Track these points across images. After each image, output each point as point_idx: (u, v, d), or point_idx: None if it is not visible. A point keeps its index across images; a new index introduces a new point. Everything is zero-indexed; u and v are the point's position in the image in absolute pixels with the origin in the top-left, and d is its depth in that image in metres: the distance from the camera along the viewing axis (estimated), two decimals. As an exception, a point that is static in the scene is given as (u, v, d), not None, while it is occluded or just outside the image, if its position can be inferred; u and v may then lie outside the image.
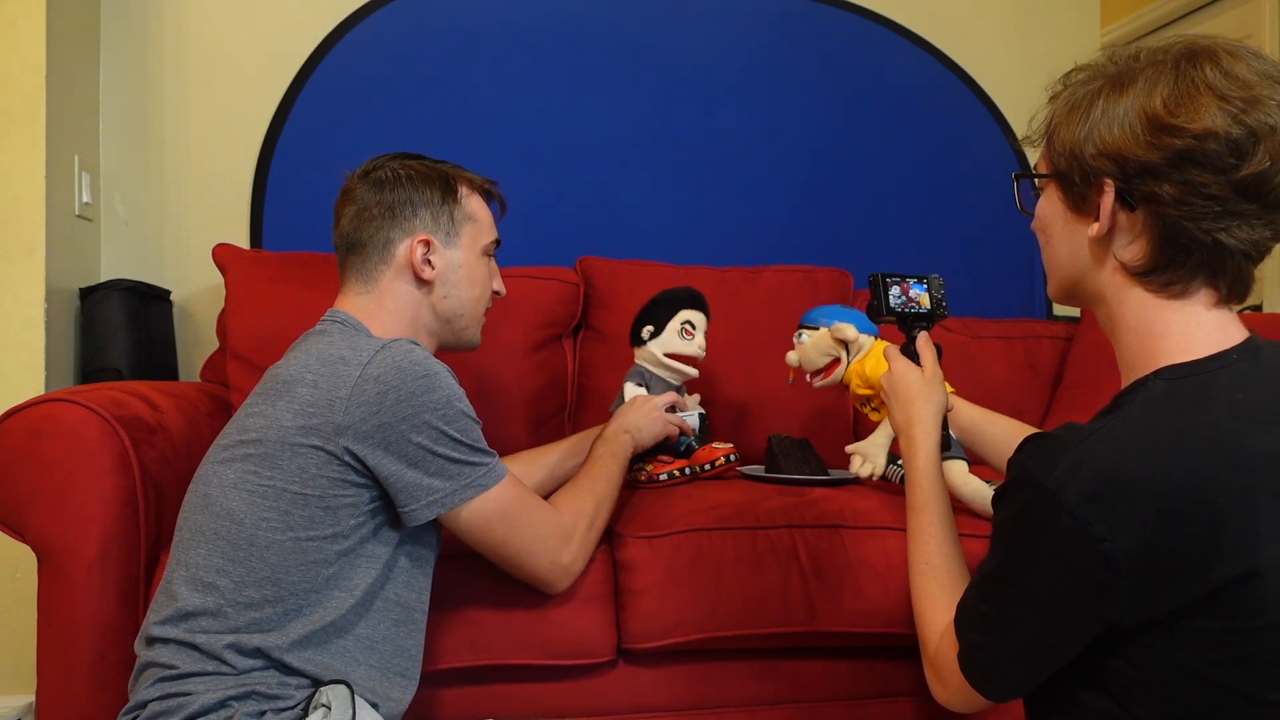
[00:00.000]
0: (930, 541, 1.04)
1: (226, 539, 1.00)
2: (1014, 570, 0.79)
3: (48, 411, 1.22)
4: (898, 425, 1.17)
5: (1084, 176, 0.83)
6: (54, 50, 1.75)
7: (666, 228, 2.22)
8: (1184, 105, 0.76)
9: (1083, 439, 0.75)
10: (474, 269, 1.22)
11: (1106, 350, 0.89)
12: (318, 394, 1.01)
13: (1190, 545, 0.72)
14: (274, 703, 0.96)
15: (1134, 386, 0.81)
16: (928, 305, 1.27)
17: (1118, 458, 0.73)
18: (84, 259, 1.91)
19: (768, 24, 2.30)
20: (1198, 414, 0.75)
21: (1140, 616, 0.74)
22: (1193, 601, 0.73)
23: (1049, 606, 0.77)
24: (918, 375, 1.16)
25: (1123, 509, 0.71)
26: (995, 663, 0.84)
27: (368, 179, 1.19)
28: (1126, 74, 0.80)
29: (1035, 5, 2.48)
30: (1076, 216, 0.86)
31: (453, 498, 1.04)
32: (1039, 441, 0.79)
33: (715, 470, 1.52)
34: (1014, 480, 0.79)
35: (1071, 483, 0.73)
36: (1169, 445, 0.74)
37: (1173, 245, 0.79)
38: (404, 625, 1.07)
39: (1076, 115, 0.83)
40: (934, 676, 0.94)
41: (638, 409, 1.42)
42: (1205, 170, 0.76)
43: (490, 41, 2.15)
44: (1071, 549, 0.73)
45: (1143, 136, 0.77)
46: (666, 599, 1.26)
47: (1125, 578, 0.72)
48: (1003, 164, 2.39)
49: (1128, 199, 0.80)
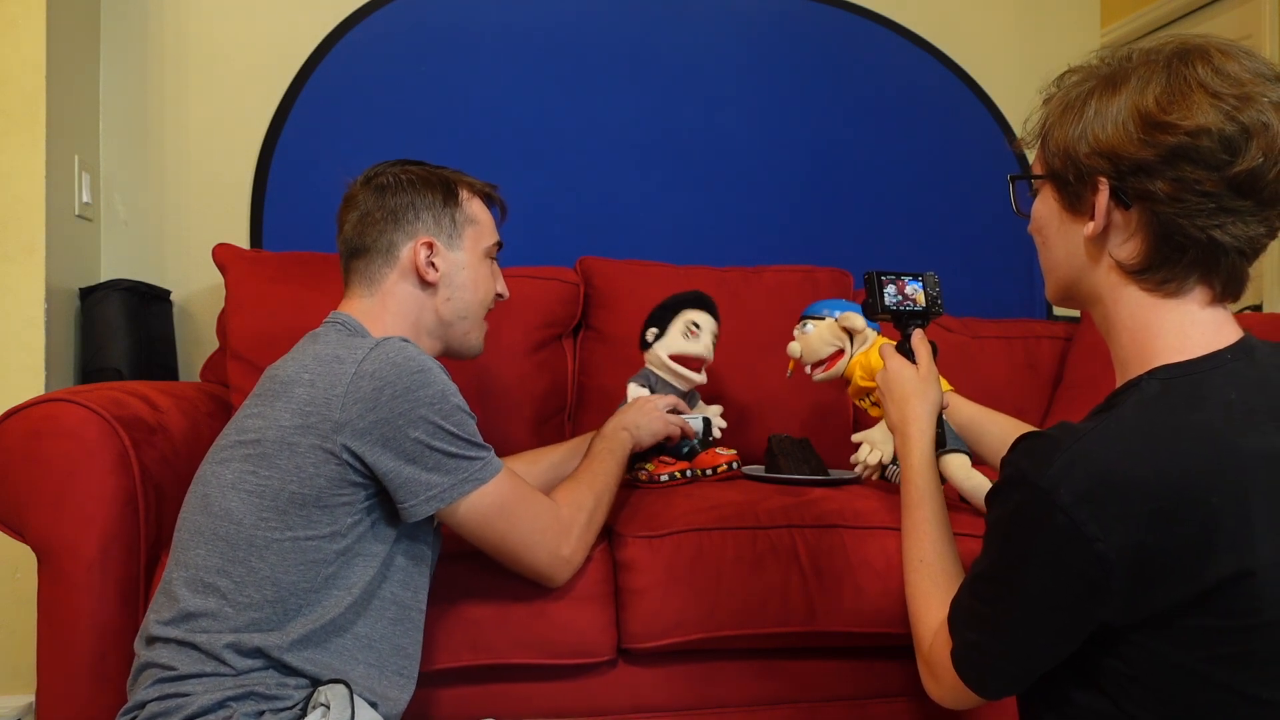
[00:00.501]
0: (924, 539, 1.04)
1: (226, 539, 1.00)
2: (1007, 569, 0.79)
3: (48, 411, 1.22)
4: (893, 423, 1.17)
5: (1078, 175, 0.83)
6: (54, 50, 1.75)
7: (666, 228, 2.22)
8: (1177, 102, 0.76)
9: (1076, 438, 0.75)
10: (477, 271, 1.23)
11: (1106, 350, 0.89)
12: (314, 393, 1.02)
13: (1184, 545, 0.72)
14: (272, 703, 0.96)
15: (1128, 386, 0.81)
16: (923, 303, 1.27)
17: (1111, 457, 0.73)
18: (84, 259, 1.91)
19: (768, 24, 2.30)
20: (1191, 413, 0.75)
21: (1134, 616, 0.74)
22: (1187, 601, 0.73)
23: (1042, 605, 0.77)
24: (912, 373, 1.17)
25: (1116, 508, 0.71)
26: (989, 661, 0.84)
27: (369, 185, 1.21)
28: (1119, 74, 0.81)
29: (1035, 5, 2.49)
30: (1072, 217, 0.86)
31: (450, 492, 1.04)
32: (1032, 440, 0.79)
33: (717, 477, 1.53)
34: (1007, 479, 0.79)
35: (1065, 482, 0.73)
36: (1162, 445, 0.74)
37: (1167, 243, 0.79)
38: (401, 624, 1.08)
39: (1070, 115, 0.83)
40: (928, 674, 0.94)
41: (638, 408, 1.42)
42: (1199, 167, 0.76)
43: (490, 41, 2.15)
44: (1065, 548, 0.73)
45: (1136, 134, 0.78)
46: (666, 599, 1.26)
47: (1119, 577, 0.72)
48: (1002, 164, 2.39)
49: (1122, 197, 0.80)
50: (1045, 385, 2.02)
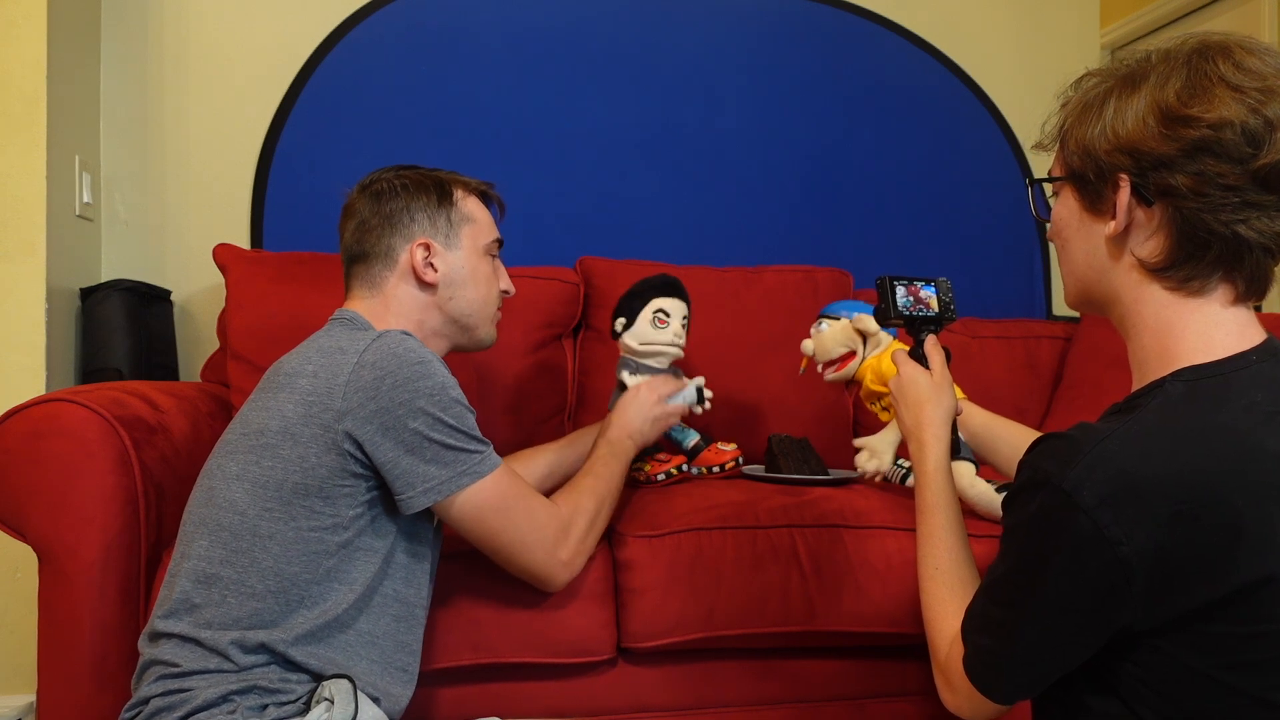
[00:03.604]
0: (940, 546, 1.01)
1: (229, 530, 1.01)
2: (1026, 572, 0.78)
3: (48, 411, 1.22)
4: (906, 429, 1.14)
5: (1098, 174, 0.82)
6: (54, 51, 1.76)
7: (666, 228, 2.22)
8: (1198, 96, 0.75)
9: (1099, 440, 0.73)
10: (477, 269, 1.23)
11: (1106, 350, 0.89)
12: (317, 383, 1.03)
13: (1206, 548, 0.71)
14: (275, 696, 0.96)
15: (1150, 388, 0.79)
16: (936, 308, 1.26)
17: (1134, 459, 0.72)
18: (84, 259, 1.91)
19: (768, 24, 2.30)
20: (1216, 415, 0.74)
21: (1154, 620, 0.73)
22: (1208, 605, 0.72)
23: (1061, 609, 0.76)
24: (926, 379, 1.15)
25: (1139, 511, 0.70)
26: (1002, 666, 0.82)
27: (365, 192, 1.22)
28: (1138, 72, 0.80)
29: (1035, 5, 2.48)
30: (1093, 216, 0.85)
31: (448, 485, 1.04)
32: (1052, 442, 0.77)
33: (722, 474, 1.52)
34: (1028, 481, 0.78)
35: (1088, 484, 0.71)
36: (1185, 446, 0.73)
37: (1191, 239, 0.78)
38: (404, 621, 1.08)
39: (1089, 114, 0.82)
40: (944, 683, 0.92)
41: (638, 409, 1.39)
42: (1222, 160, 0.75)
43: (490, 41, 2.15)
44: (1086, 551, 0.72)
45: (1156, 129, 0.77)
46: (666, 598, 1.26)
47: (1140, 581, 0.71)
48: (1002, 164, 2.39)
49: (1143, 194, 0.79)
50: (1045, 385, 2.02)
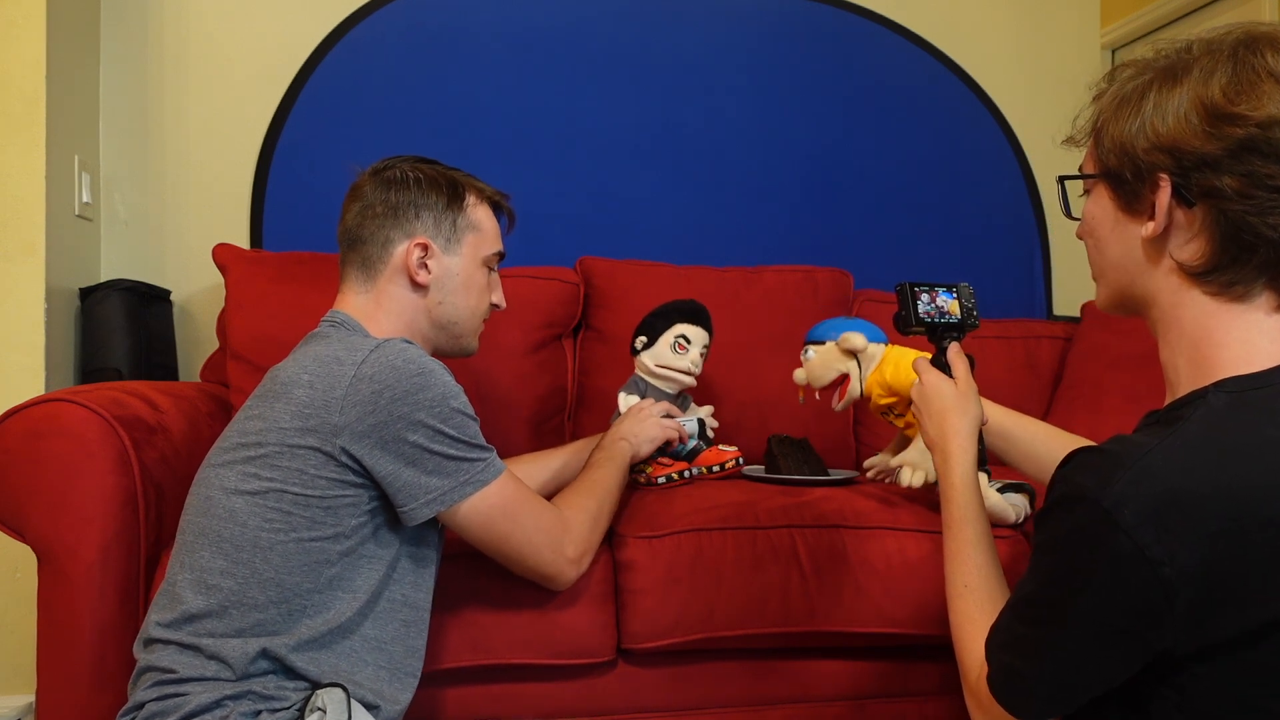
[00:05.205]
0: (968, 563, 0.96)
1: (230, 541, 1.00)
2: (1059, 591, 0.74)
3: (48, 411, 1.22)
4: (931, 440, 1.10)
5: (1136, 173, 0.78)
6: (54, 51, 1.75)
7: (666, 228, 2.22)
8: (1245, 93, 0.72)
9: (1141, 454, 0.69)
10: (471, 278, 1.21)
11: (1106, 351, 0.88)
12: (314, 395, 1.01)
13: (1253, 568, 0.67)
14: (270, 703, 0.96)
15: (1191, 398, 0.76)
16: (958, 314, 1.24)
17: (1178, 474, 0.68)
18: (84, 259, 1.91)
19: (768, 24, 2.30)
20: (1263, 428, 0.71)
21: (1194, 644, 0.69)
22: (1253, 630, 0.68)
23: (1094, 630, 0.71)
24: (951, 388, 1.11)
25: (1183, 529, 0.67)
26: (1029, 686, 0.78)
27: (378, 177, 1.20)
28: (1179, 65, 0.76)
29: (1035, 5, 2.48)
30: (1128, 217, 0.81)
31: (450, 495, 1.03)
32: (1090, 456, 0.73)
33: (723, 473, 1.52)
34: (1065, 496, 0.73)
35: (1131, 501, 0.67)
36: (1233, 460, 0.69)
37: (1235, 242, 0.74)
38: (413, 625, 1.08)
39: (1126, 110, 0.78)
40: (975, 706, 0.87)
41: (634, 417, 1.42)
42: (1270, 161, 0.72)
43: (490, 41, 2.15)
44: (1125, 571, 0.68)
45: (1200, 127, 0.73)
46: (666, 599, 1.26)
47: (1182, 603, 0.67)
48: (1003, 163, 2.39)
49: (1184, 195, 0.76)
50: (1045, 385, 2.02)
